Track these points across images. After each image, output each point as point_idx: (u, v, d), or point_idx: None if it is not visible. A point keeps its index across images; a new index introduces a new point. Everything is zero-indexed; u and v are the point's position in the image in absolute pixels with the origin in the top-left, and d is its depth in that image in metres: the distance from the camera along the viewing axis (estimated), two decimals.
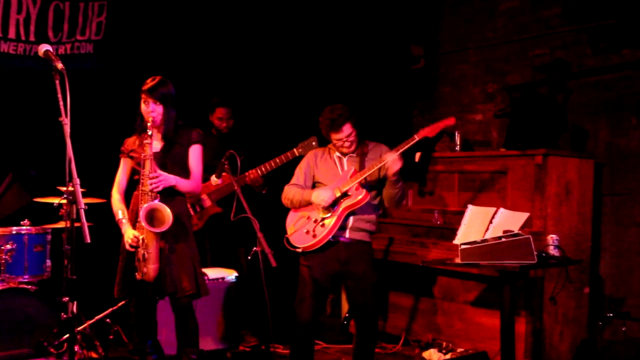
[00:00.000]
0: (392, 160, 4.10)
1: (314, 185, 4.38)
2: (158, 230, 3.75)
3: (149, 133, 3.86)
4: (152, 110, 3.91)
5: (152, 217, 3.80)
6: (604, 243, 5.39)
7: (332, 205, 4.20)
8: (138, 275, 3.84)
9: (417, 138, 4.19)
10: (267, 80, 6.28)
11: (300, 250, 4.25)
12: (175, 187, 3.93)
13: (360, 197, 4.16)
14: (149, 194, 3.83)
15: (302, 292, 4.27)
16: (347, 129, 4.19)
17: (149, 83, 3.93)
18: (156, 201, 3.82)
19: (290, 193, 4.35)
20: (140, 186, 3.88)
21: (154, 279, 3.83)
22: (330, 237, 4.19)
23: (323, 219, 4.22)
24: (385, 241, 5.47)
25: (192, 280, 3.95)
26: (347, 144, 4.23)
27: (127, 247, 3.87)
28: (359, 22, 6.58)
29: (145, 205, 3.80)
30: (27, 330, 4.45)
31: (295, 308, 4.28)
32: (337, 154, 4.34)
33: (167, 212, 3.78)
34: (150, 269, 3.81)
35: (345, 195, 4.19)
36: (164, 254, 3.87)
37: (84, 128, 4.56)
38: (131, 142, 4.04)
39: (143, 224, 3.75)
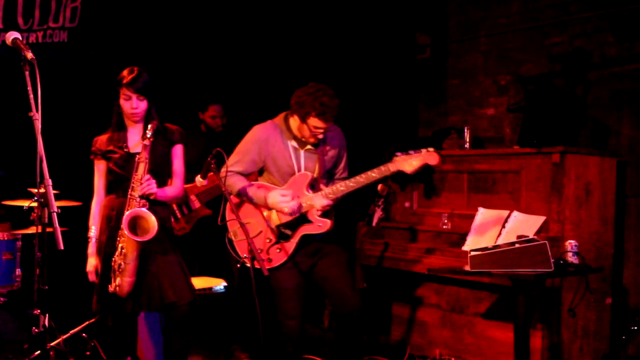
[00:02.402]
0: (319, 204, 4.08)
1: (260, 172, 4.27)
2: (140, 240, 3.75)
3: (149, 135, 3.83)
4: (136, 107, 3.90)
5: (136, 224, 3.81)
6: (627, 249, 5.39)
7: (291, 227, 4.16)
8: (110, 288, 3.84)
9: (391, 169, 4.02)
10: (260, 72, 6.28)
11: (248, 266, 4.06)
12: (155, 196, 3.92)
13: (323, 228, 4.12)
14: (137, 200, 3.83)
15: (285, 302, 4.20)
16: (332, 121, 4.09)
17: (129, 76, 3.89)
18: (143, 208, 3.82)
19: (237, 186, 4.17)
20: (130, 191, 3.85)
21: (128, 293, 3.84)
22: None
23: (279, 242, 4.15)
24: (388, 247, 5.47)
25: (187, 286, 4.00)
26: (320, 136, 4.11)
27: (89, 276, 3.93)
28: (359, 9, 6.58)
29: (129, 211, 3.79)
30: None
31: (282, 322, 4.23)
32: (294, 143, 4.18)
33: (152, 221, 3.78)
34: (125, 282, 3.80)
35: (305, 218, 4.14)
36: (151, 262, 3.87)
37: (56, 124, 4.54)
38: (104, 141, 4.02)
39: (125, 231, 3.74)
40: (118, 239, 3.85)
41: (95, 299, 3.98)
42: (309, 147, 4.19)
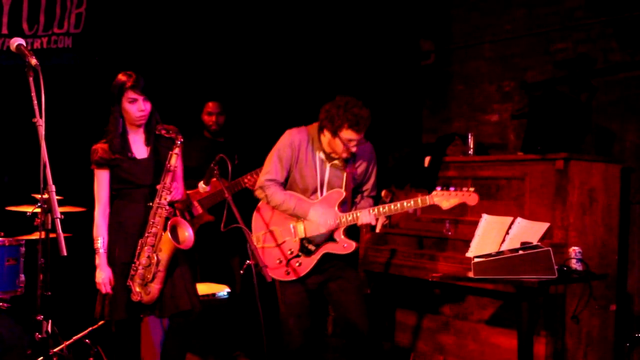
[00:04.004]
0: (366, 219, 4.05)
1: (287, 178, 4.21)
2: (183, 248, 3.84)
3: (178, 143, 3.88)
4: (144, 109, 3.88)
5: (176, 232, 3.85)
6: (632, 256, 5.37)
7: (315, 243, 4.15)
8: (135, 297, 3.83)
9: (428, 202, 4.04)
10: (265, 78, 6.28)
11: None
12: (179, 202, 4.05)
13: (348, 250, 4.12)
14: (166, 207, 3.87)
15: (288, 318, 4.20)
16: (364, 132, 4.03)
17: (131, 78, 3.86)
18: (181, 218, 3.92)
19: (277, 198, 4.12)
20: (157, 199, 3.87)
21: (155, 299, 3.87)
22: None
23: (299, 256, 4.13)
24: (392, 253, 5.46)
25: (197, 294, 4.04)
26: (354, 149, 4.03)
27: (101, 288, 3.88)
28: (363, 15, 6.58)
29: (171, 219, 3.86)
30: None
31: (284, 336, 4.23)
32: (321, 155, 4.15)
33: (190, 229, 3.88)
34: (156, 289, 3.85)
35: (330, 237, 4.12)
36: (174, 267, 3.91)
37: (60, 130, 4.57)
38: (106, 150, 3.93)
39: (169, 237, 3.78)
40: (144, 247, 3.84)
41: (105, 308, 3.94)
42: (335, 162, 4.15)
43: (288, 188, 4.23)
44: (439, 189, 4.03)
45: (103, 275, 3.86)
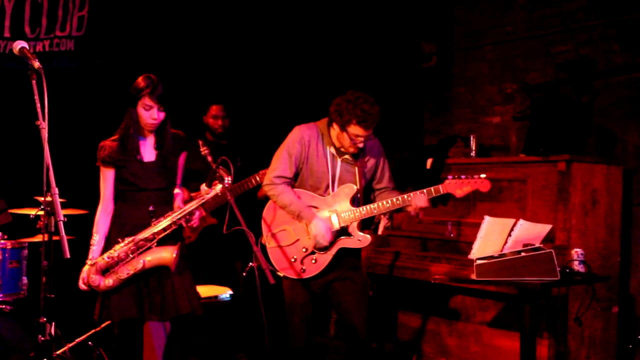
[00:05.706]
0: (419, 201, 4.05)
1: (297, 174, 4.20)
2: (172, 268, 3.82)
3: (227, 180, 3.89)
4: (156, 118, 3.84)
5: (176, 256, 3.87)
6: (634, 258, 5.37)
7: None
8: (97, 283, 3.82)
9: (441, 190, 4.04)
10: (267, 80, 6.28)
11: (280, 274, 4.13)
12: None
13: (363, 244, 4.11)
14: (178, 227, 3.93)
15: (293, 316, 4.21)
16: (372, 129, 4.03)
17: (151, 85, 3.80)
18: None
19: (284, 199, 4.11)
20: (180, 221, 3.89)
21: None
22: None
23: (315, 253, 4.12)
24: (394, 255, 5.46)
25: (198, 297, 4.01)
26: (360, 145, 4.03)
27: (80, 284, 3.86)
28: (365, 17, 6.59)
29: (179, 244, 3.88)
30: (1, 354, 4.44)
31: (289, 333, 4.23)
32: (332, 150, 4.14)
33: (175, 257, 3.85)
34: (112, 285, 3.82)
35: (345, 232, 4.12)
36: (166, 271, 3.88)
37: (63, 132, 4.57)
38: (114, 148, 3.88)
39: (173, 258, 3.79)
40: (129, 244, 3.82)
41: (101, 309, 3.95)
42: (346, 156, 4.14)
43: (298, 185, 4.22)
44: (450, 177, 4.03)
45: (85, 272, 3.85)
